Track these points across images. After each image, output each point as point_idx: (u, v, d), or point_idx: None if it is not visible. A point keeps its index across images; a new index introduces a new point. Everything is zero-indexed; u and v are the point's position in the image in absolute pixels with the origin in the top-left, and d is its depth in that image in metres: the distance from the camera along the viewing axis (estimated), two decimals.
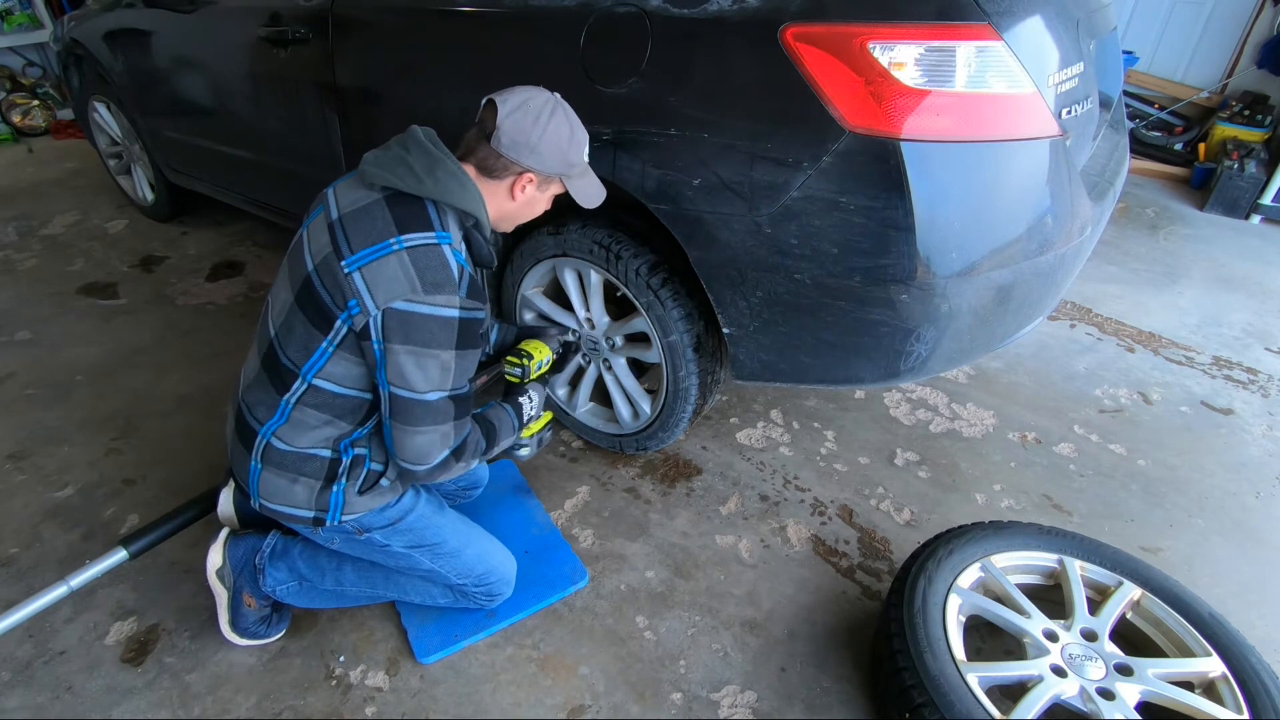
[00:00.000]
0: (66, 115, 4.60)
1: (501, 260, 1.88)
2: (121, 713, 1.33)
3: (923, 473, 1.91)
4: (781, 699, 1.37)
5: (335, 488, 1.24)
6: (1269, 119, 3.74)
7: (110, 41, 2.74)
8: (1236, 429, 2.11)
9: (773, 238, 1.32)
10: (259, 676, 1.39)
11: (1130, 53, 4.06)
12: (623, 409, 1.83)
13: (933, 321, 1.32)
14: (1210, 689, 1.21)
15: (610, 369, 1.80)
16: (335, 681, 1.39)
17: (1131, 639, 1.34)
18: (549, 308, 1.84)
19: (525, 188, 1.23)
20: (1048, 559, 1.40)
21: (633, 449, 1.88)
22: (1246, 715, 1.14)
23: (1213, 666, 1.21)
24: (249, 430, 1.24)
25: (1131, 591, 1.33)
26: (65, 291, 2.73)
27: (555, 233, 1.67)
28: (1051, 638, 1.26)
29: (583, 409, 1.93)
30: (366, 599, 1.46)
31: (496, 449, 1.36)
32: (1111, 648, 1.26)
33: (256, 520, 1.48)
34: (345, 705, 1.35)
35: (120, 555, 1.36)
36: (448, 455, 1.20)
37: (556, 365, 1.65)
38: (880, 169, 1.20)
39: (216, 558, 1.41)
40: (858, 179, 1.22)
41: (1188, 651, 1.25)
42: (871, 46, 1.17)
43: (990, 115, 1.25)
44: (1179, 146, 4.05)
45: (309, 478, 1.23)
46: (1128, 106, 4.04)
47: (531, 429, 1.54)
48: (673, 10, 1.32)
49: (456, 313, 1.11)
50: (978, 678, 1.18)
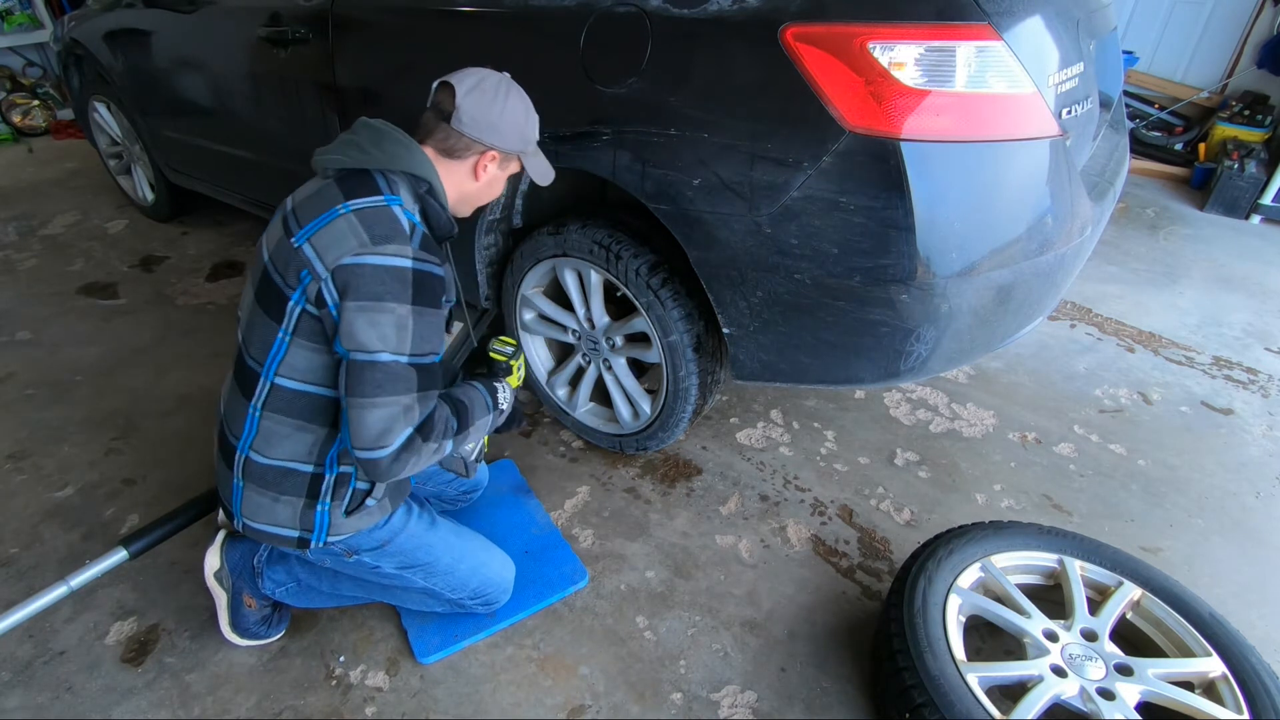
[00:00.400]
0: (66, 115, 4.60)
1: (502, 261, 1.89)
2: (121, 713, 1.33)
3: (923, 473, 1.91)
4: (781, 699, 1.37)
5: (320, 507, 1.21)
6: (1269, 119, 3.74)
7: (110, 41, 2.74)
8: (1236, 429, 2.11)
9: (773, 238, 1.32)
10: (259, 676, 1.39)
11: (1130, 53, 4.06)
12: (623, 409, 1.83)
13: (933, 321, 1.32)
14: (1210, 689, 1.21)
15: (610, 369, 1.80)
16: (335, 681, 1.39)
17: (1131, 639, 1.34)
18: (549, 308, 1.84)
19: (488, 167, 1.23)
20: (1048, 559, 1.40)
21: (633, 449, 1.88)
22: (1246, 715, 1.14)
23: (1213, 666, 1.21)
24: (228, 446, 1.22)
25: (1131, 591, 1.33)
26: (65, 291, 2.74)
27: (555, 233, 1.67)
28: (1051, 638, 1.26)
29: (583, 409, 1.93)
30: (366, 600, 1.46)
31: (471, 431, 1.21)
32: (1111, 648, 1.26)
33: None
34: (345, 705, 1.35)
35: (120, 555, 1.36)
36: (412, 434, 1.07)
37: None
38: (880, 169, 1.20)
39: (214, 560, 1.41)
40: (858, 179, 1.22)
41: (1188, 651, 1.25)
42: (871, 46, 1.17)
43: (990, 115, 1.25)
44: (1179, 146, 4.05)
45: (291, 495, 1.19)
46: (1128, 106, 4.04)
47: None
48: (673, 10, 1.32)
49: (409, 262, 1.06)
50: (978, 678, 1.18)
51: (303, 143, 2.11)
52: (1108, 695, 1.17)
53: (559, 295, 1.83)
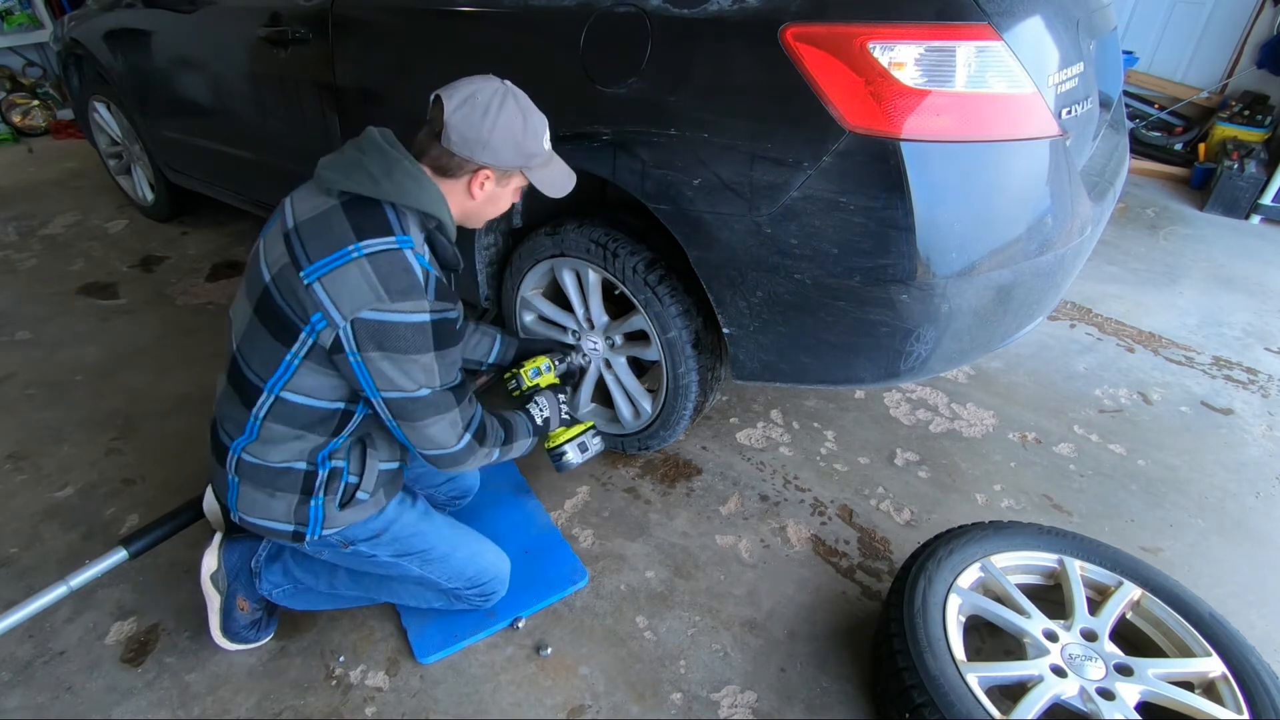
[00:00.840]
0: (66, 115, 4.60)
1: (501, 261, 1.89)
2: (121, 713, 1.33)
3: (923, 473, 1.91)
4: (781, 699, 1.37)
5: (314, 502, 1.22)
6: (1269, 119, 3.74)
7: (110, 41, 2.73)
8: (1236, 429, 2.11)
9: (773, 238, 1.32)
10: (259, 676, 1.39)
11: (1130, 53, 4.06)
12: (624, 408, 1.83)
13: (933, 321, 1.32)
14: (1210, 689, 1.21)
15: (610, 368, 1.80)
16: (335, 681, 1.39)
17: (1131, 639, 1.33)
18: (548, 309, 1.84)
19: (484, 184, 1.18)
20: (1048, 559, 1.40)
21: (634, 448, 1.88)
22: (1246, 715, 1.14)
23: (1213, 666, 1.21)
24: (221, 446, 1.23)
25: (1131, 591, 1.33)
26: (65, 291, 2.74)
27: (553, 233, 1.67)
28: (1051, 638, 1.26)
29: (584, 409, 1.93)
30: (363, 601, 1.46)
31: (516, 444, 1.39)
32: (1111, 648, 1.26)
33: None
34: (345, 705, 1.35)
35: (120, 555, 1.36)
36: (470, 439, 1.23)
37: (569, 375, 1.69)
38: (880, 169, 1.20)
39: (212, 562, 1.41)
40: (858, 179, 1.22)
41: (1188, 651, 1.25)
42: (871, 46, 1.17)
43: (990, 115, 1.25)
44: (1179, 146, 4.05)
45: (286, 491, 1.21)
46: (1128, 106, 4.04)
47: (562, 435, 1.58)
48: (673, 10, 1.32)
49: (428, 317, 1.09)
50: (978, 678, 1.18)
51: (302, 143, 2.12)
52: (1108, 695, 1.17)
53: (559, 297, 1.83)
